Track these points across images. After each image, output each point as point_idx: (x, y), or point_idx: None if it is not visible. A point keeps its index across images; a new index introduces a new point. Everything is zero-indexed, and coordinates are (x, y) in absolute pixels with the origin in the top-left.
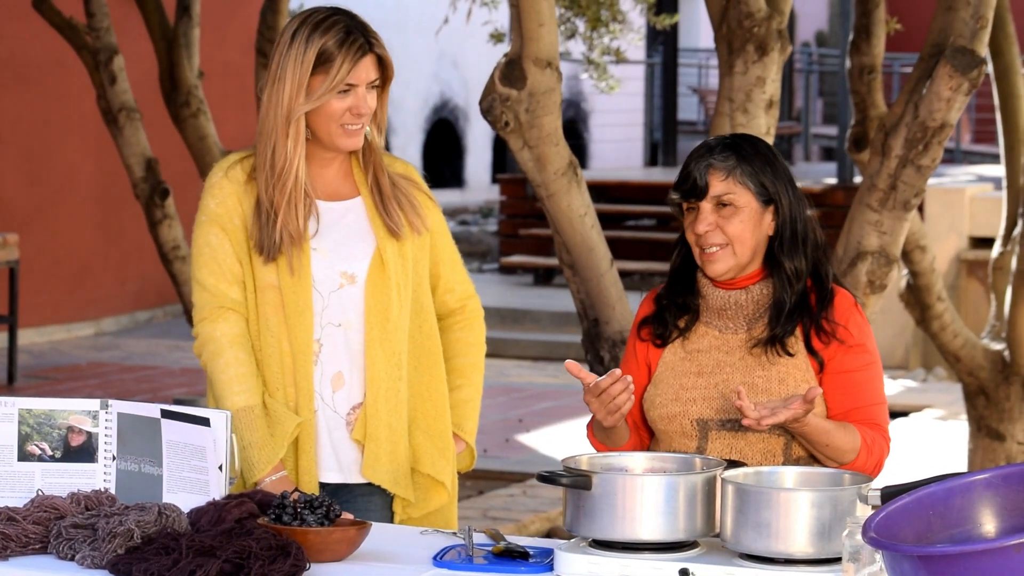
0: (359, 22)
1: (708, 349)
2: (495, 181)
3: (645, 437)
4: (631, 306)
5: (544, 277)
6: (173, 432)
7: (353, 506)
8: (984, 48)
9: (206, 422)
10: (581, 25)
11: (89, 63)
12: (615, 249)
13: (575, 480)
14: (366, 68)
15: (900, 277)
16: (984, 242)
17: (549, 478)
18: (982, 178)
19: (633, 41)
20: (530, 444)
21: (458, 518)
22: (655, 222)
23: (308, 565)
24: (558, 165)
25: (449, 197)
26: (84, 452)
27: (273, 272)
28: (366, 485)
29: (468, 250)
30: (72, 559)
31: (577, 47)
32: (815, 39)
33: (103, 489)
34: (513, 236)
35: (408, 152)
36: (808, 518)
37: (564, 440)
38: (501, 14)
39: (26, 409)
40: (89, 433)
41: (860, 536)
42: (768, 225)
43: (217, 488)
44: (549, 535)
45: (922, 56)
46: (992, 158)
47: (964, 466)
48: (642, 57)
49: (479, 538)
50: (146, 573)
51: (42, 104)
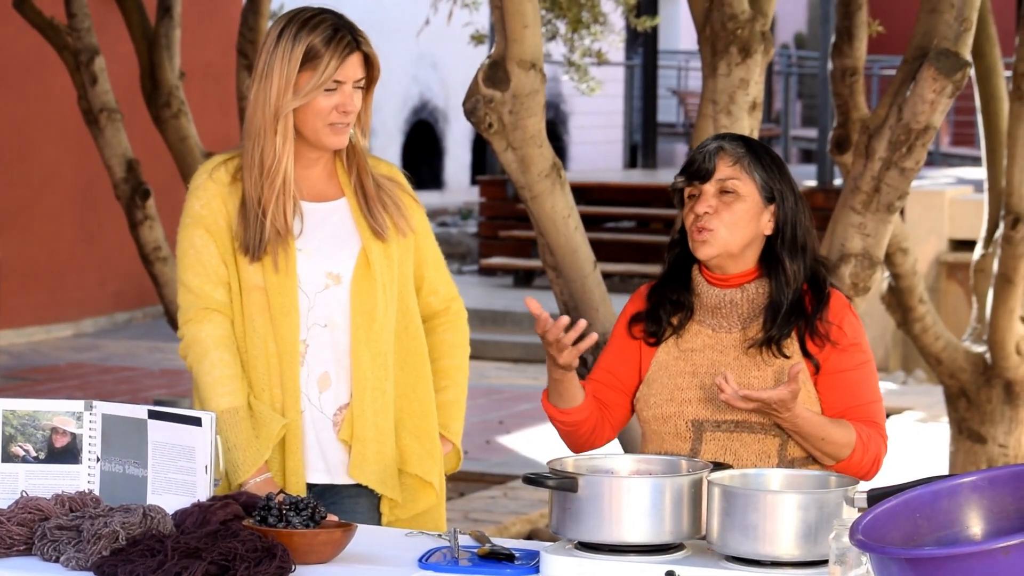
0: (346, 21)
1: (702, 348)
2: (474, 183)
3: (611, 422)
4: (614, 308)
5: (524, 279)
6: (160, 433)
7: (340, 507)
8: (968, 51)
9: (196, 422)
10: (562, 27)
11: (70, 63)
12: (594, 251)
13: (561, 482)
14: (353, 66)
15: (882, 279)
16: (964, 244)
17: (535, 480)
18: (961, 180)
19: (614, 43)
20: (511, 446)
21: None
22: (635, 224)
23: (294, 567)
24: (542, 167)
25: (428, 199)
26: (68, 453)
27: (259, 273)
28: (353, 486)
29: (447, 252)
30: (57, 560)
31: (557, 49)
32: (794, 41)
33: (87, 490)
34: (493, 238)
35: (387, 153)
36: (794, 520)
37: (545, 442)
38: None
39: (10, 410)
40: (73, 434)
41: (847, 538)
42: (767, 224)
43: (203, 489)
44: (530, 537)
45: (906, 58)
46: (971, 160)
47: (945, 468)
48: (621, 59)
49: (464, 540)
50: (131, 575)
51: (22, 104)
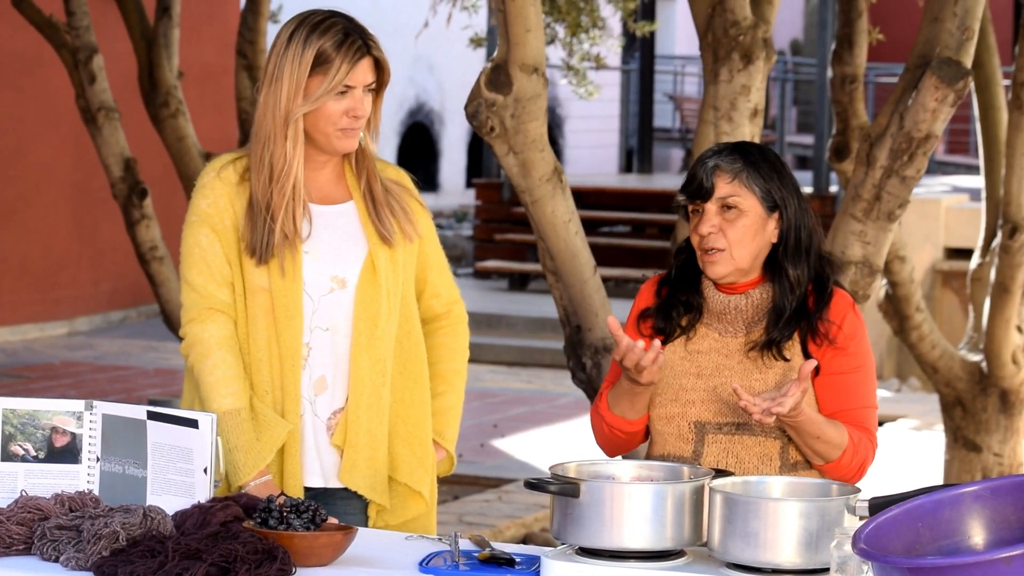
0: (357, 25)
1: (708, 351)
2: (469, 185)
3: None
4: (614, 312)
5: (519, 282)
6: (159, 434)
7: (332, 510)
8: (970, 59)
9: (194, 424)
10: (560, 31)
11: (68, 62)
12: None
13: (563, 487)
14: (363, 70)
15: (879, 287)
16: (959, 253)
17: (537, 485)
18: (957, 189)
19: (612, 48)
20: (505, 449)
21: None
22: (630, 229)
23: (294, 569)
24: (543, 171)
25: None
26: (68, 453)
27: (264, 275)
28: (345, 490)
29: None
30: (56, 560)
31: (555, 53)
32: (790, 47)
33: (87, 490)
34: (488, 241)
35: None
36: (796, 528)
37: (539, 445)
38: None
39: (10, 409)
40: (73, 434)
41: (848, 547)
42: (771, 232)
43: (202, 491)
44: (524, 541)
45: (908, 67)
46: (967, 169)
47: (940, 477)
48: (618, 64)
49: (464, 544)
50: (131, 575)
51: (19, 102)
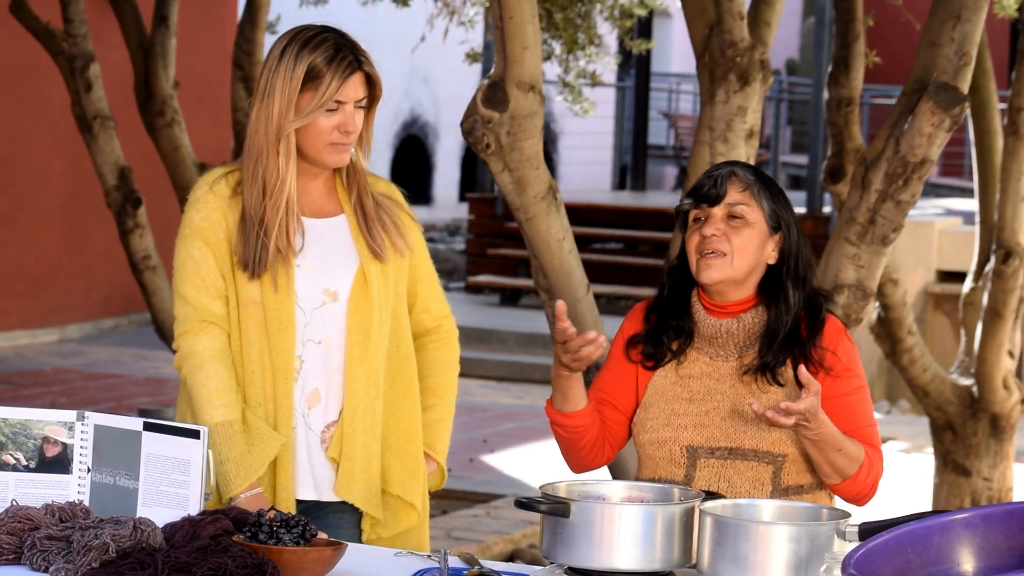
0: (349, 40)
1: (699, 376)
2: (463, 199)
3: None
4: (606, 331)
5: (511, 297)
6: (154, 445)
7: (325, 523)
8: (967, 85)
9: (194, 435)
10: (557, 48)
11: (65, 69)
12: None
13: (553, 507)
14: (354, 86)
15: (872, 310)
16: (952, 276)
17: (527, 504)
18: (951, 211)
19: (608, 65)
20: (494, 465)
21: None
22: (622, 246)
23: None
24: (538, 189)
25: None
26: (59, 463)
27: (256, 288)
28: (338, 503)
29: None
30: (46, 571)
31: (551, 69)
32: (786, 67)
33: (77, 501)
34: (480, 255)
35: (376, 167)
36: (786, 552)
37: (529, 461)
38: (477, 34)
39: (2, 418)
40: (65, 444)
41: (837, 572)
42: (771, 253)
43: (195, 503)
44: (512, 557)
45: (904, 91)
46: (960, 191)
47: (929, 500)
48: (613, 81)
49: (453, 561)
50: None
51: (14, 108)
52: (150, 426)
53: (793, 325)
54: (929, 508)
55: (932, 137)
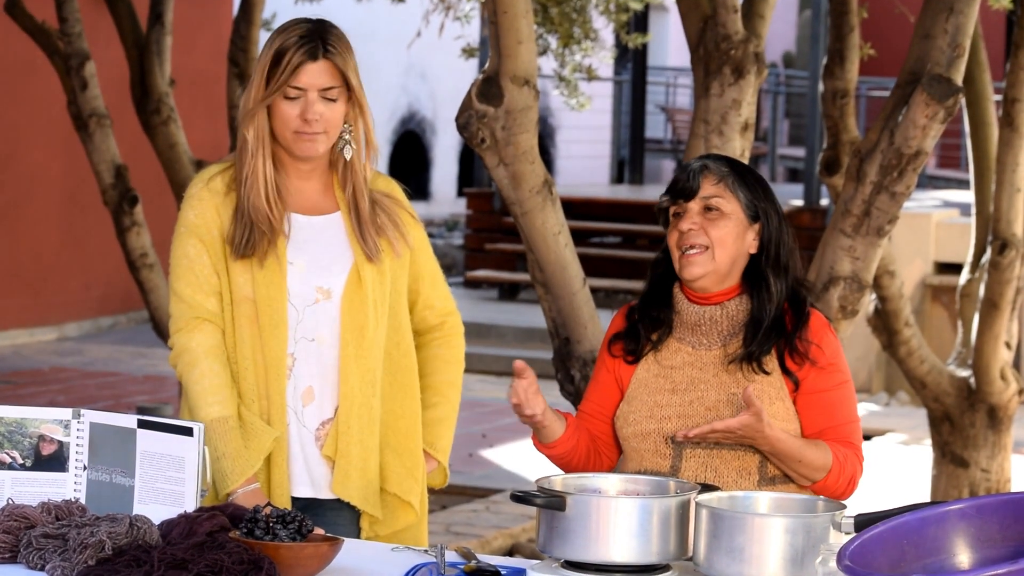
0: (324, 28)
1: (682, 366)
2: (461, 194)
3: (606, 452)
4: (603, 325)
5: (509, 292)
6: (149, 442)
7: (323, 520)
8: (960, 77)
9: (186, 432)
10: (553, 42)
11: (60, 68)
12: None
13: (549, 501)
14: (312, 73)
15: (868, 302)
16: (949, 267)
17: (523, 498)
18: (947, 203)
19: (604, 59)
20: (493, 459)
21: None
22: (621, 240)
23: None
24: (533, 183)
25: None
26: (55, 461)
27: (249, 284)
28: (336, 500)
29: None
30: (42, 569)
31: (547, 64)
32: (782, 60)
33: (73, 499)
34: (479, 250)
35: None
36: (782, 544)
37: (528, 456)
38: (473, 29)
39: None
40: (60, 442)
41: (833, 563)
42: (751, 243)
43: (191, 500)
44: (511, 552)
45: (898, 83)
46: (957, 183)
47: (927, 492)
48: (610, 75)
49: (450, 556)
50: None
51: (10, 108)
52: (144, 423)
53: (777, 314)
54: (927, 500)
55: (926, 129)
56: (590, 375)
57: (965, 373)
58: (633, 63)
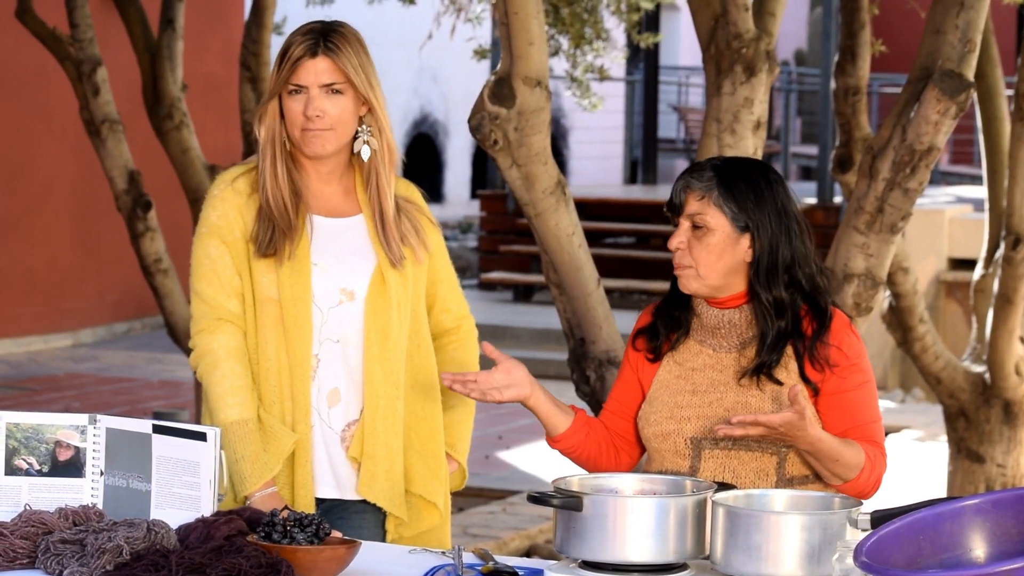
0: (330, 28)
1: (702, 368)
2: (474, 196)
3: (626, 449)
4: (617, 325)
5: (524, 294)
6: (165, 447)
7: (348, 522)
8: (972, 72)
9: (202, 437)
10: (564, 43)
11: (72, 74)
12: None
13: (566, 501)
14: (311, 69)
15: (883, 299)
16: (963, 263)
17: (540, 499)
18: (961, 199)
19: (616, 59)
20: (510, 461)
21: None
22: (634, 240)
23: None
24: (546, 184)
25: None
26: (72, 467)
27: (273, 285)
28: (361, 502)
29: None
30: (60, 574)
31: (559, 64)
32: (794, 58)
33: (91, 504)
34: (493, 252)
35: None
36: (798, 541)
37: (544, 457)
38: (485, 30)
39: (13, 423)
40: (77, 448)
41: (850, 560)
42: (745, 251)
43: (208, 504)
44: (529, 553)
45: (910, 79)
46: (970, 179)
47: (943, 488)
48: (622, 75)
49: (468, 557)
50: None
51: (23, 114)
52: (159, 429)
53: (787, 323)
54: (943, 496)
55: (938, 124)
56: (605, 375)
57: (980, 369)
58: (645, 63)
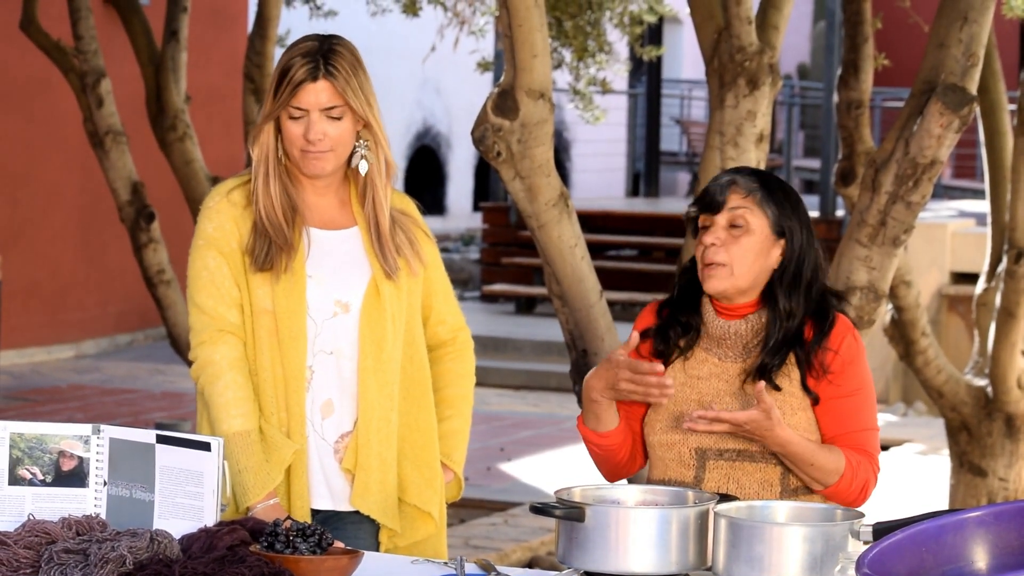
0: (329, 47)
1: (708, 377)
2: (477, 208)
3: (639, 451)
4: (620, 338)
5: (526, 306)
6: (168, 457)
7: (343, 533)
8: (975, 86)
9: (206, 447)
10: (567, 55)
11: (76, 86)
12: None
13: (568, 512)
14: (312, 93)
15: (885, 312)
16: (965, 277)
17: (542, 509)
18: (963, 213)
19: (619, 72)
20: (512, 473)
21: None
22: (637, 252)
23: None
24: (549, 196)
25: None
26: (75, 477)
27: (268, 297)
28: (355, 513)
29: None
30: None
31: (561, 77)
32: (797, 72)
33: (94, 514)
34: (495, 264)
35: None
36: (800, 553)
37: (546, 469)
38: (487, 43)
39: (17, 433)
40: (81, 458)
41: (852, 572)
42: (775, 258)
43: (211, 514)
44: (530, 564)
45: (913, 93)
46: (973, 193)
47: (945, 501)
48: (625, 87)
49: (470, 568)
50: None
51: (27, 125)
52: (163, 439)
53: (791, 329)
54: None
55: (941, 138)
56: None
57: (982, 382)
58: (647, 76)
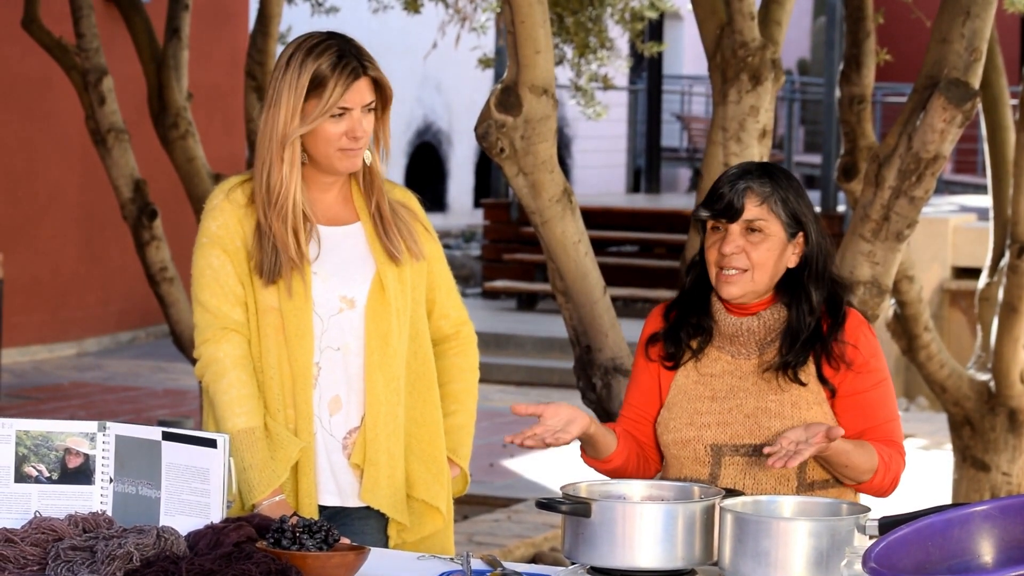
0: (354, 46)
1: (721, 374)
2: (478, 205)
3: (653, 457)
4: (623, 333)
5: (527, 302)
6: (174, 454)
7: (350, 529)
8: (978, 80)
9: (212, 443)
10: (568, 52)
11: (78, 83)
12: None
13: (574, 507)
14: (359, 91)
15: (888, 307)
16: (967, 272)
17: (548, 505)
18: (965, 208)
19: (620, 68)
20: (514, 469)
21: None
22: (638, 248)
23: None
24: (552, 192)
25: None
26: (81, 474)
27: (274, 295)
28: (363, 508)
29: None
30: None
31: (563, 73)
32: (797, 67)
33: (100, 511)
34: (496, 261)
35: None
36: (806, 547)
37: (548, 465)
38: (489, 40)
39: (23, 431)
40: (87, 455)
41: (858, 566)
42: (790, 257)
43: (217, 511)
44: (534, 560)
45: (916, 88)
46: (974, 188)
47: (948, 496)
48: (626, 84)
49: (476, 564)
50: None
51: (29, 123)
52: (169, 436)
53: (815, 322)
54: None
55: (944, 133)
56: (611, 383)
57: (985, 377)
58: (648, 72)
